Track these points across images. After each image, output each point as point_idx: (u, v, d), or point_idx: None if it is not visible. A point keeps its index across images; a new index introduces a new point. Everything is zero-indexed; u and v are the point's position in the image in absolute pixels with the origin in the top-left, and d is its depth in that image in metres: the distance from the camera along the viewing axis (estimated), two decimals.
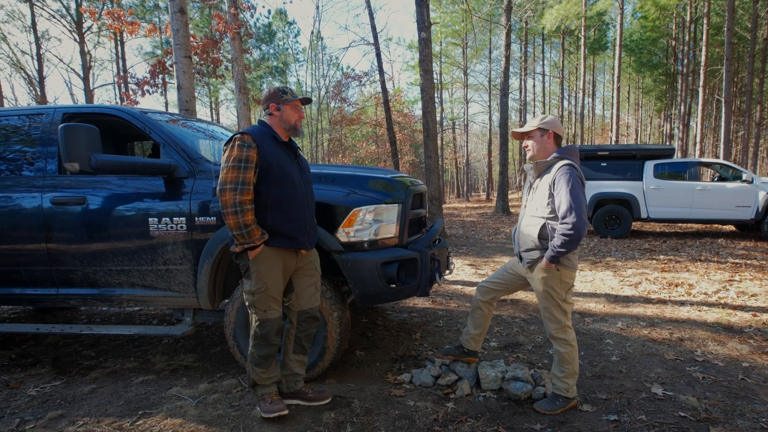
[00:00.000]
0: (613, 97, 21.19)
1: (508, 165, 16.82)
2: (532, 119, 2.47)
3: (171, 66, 9.05)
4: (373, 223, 2.66)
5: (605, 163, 9.21)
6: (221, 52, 10.81)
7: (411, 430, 2.24)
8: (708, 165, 9.36)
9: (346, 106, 21.89)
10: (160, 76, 9.60)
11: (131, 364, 3.23)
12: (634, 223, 10.61)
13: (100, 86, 22.85)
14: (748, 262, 6.40)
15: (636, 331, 3.67)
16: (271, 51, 29.35)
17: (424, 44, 9.02)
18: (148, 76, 9.45)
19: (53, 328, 3.03)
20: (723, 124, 15.44)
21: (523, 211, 2.52)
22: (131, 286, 2.92)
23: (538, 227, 2.34)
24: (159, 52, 22.70)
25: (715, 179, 9.25)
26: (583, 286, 5.31)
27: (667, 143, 28.04)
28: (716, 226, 10.86)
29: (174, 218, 2.74)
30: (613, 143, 20.96)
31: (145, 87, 9.46)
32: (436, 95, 24.36)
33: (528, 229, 2.40)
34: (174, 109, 25.51)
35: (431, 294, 4.98)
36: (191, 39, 8.26)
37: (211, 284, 2.79)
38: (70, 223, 2.86)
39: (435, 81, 22.76)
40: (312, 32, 24.59)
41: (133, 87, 9.63)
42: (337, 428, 2.27)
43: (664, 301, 4.57)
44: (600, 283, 5.46)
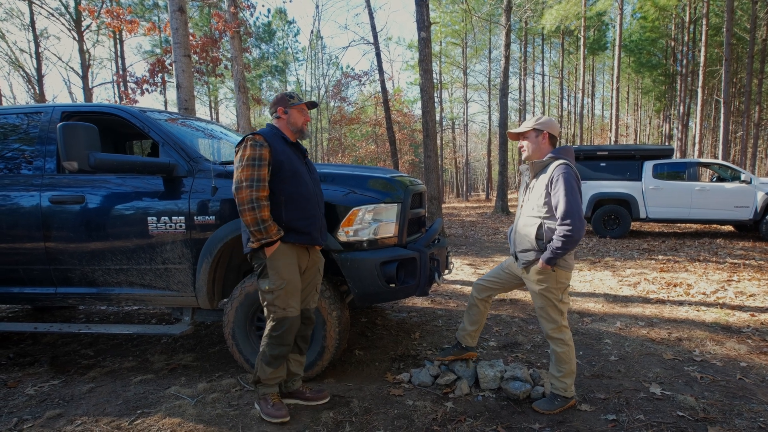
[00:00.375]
0: (612, 97, 21.21)
1: (507, 165, 16.83)
2: (528, 120, 2.48)
3: (170, 65, 9.05)
4: (373, 223, 2.66)
5: (604, 163, 9.22)
6: (221, 51, 10.81)
7: (410, 430, 2.25)
8: (707, 165, 9.38)
9: (345, 106, 21.90)
10: (160, 75, 9.60)
11: (130, 364, 3.23)
12: (633, 223, 10.64)
13: (99, 85, 22.90)
14: (747, 263, 6.42)
15: (635, 331, 3.68)
16: (271, 50, 29.33)
17: (424, 44, 9.02)
18: (148, 74, 9.45)
19: (51, 327, 3.02)
20: (722, 124, 15.46)
21: (520, 211, 2.53)
22: (130, 285, 2.91)
23: (534, 227, 2.35)
24: (158, 51, 22.66)
25: (714, 179, 9.26)
26: (581, 285, 5.32)
27: (666, 143, 28.07)
28: (715, 226, 10.88)
29: (173, 217, 2.73)
30: (613, 143, 20.98)
31: (144, 86, 9.47)
32: (435, 95, 24.36)
33: (525, 230, 2.41)
34: (173, 108, 25.47)
35: (430, 293, 4.98)
36: (191, 38, 8.25)
37: (210, 283, 2.79)
38: (69, 221, 2.86)
39: (435, 81, 22.76)
40: (312, 31, 24.59)
41: (132, 86, 9.63)
42: (336, 428, 2.27)
43: (662, 301, 4.58)
44: (599, 282, 5.47)
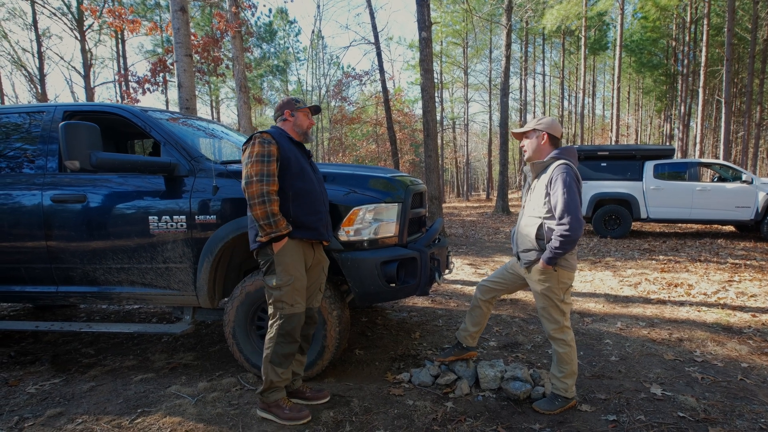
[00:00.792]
0: (613, 97, 21.19)
1: (508, 165, 16.83)
2: (531, 120, 2.48)
3: (172, 64, 9.06)
4: (373, 222, 2.66)
5: (605, 163, 9.21)
6: (222, 50, 10.81)
7: (410, 430, 2.25)
8: (708, 165, 9.36)
9: (346, 105, 21.88)
10: (161, 75, 9.62)
11: (130, 362, 3.23)
12: (633, 224, 10.62)
13: (101, 84, 22.89)
14: (748, 263, 6.41)
15: (635, 332, 3.68)
16: (272, 50, 29.34)
17: (425, 44, 9.01)
18: (149, 74, 9.46)
19: (53, 326, 3.03)
20: (723, 124, 15.45)
21: (522, 211, 2.54)
22: (131, 284, 2.92)
23: (535, 227, 2.35)
24: (160, 51, 22.69)
25: (715, 180, 9.25)
26: (582, 286, 5.31)
27: (667, 143, 28.04)
28: (716, 226, 10.87)
29: (174, 216, 2.74)
30: (613, 143, 20.97)
31: (146, 85, 9.48)
32: (436, 95, 24.38)
33: (526, 230, 2.41)
34: (175, 108, 25.49)
35: (431, 293, 4.98)
36: (192, 37, 8.25)
37: (211, 282, 2.79)
38: (71, 220, 2.86)
39: (435, 80, 22.74)
40: (313, 31, 24.60)
41: (134, 85, 9.65)
42: (336, 427, 2.28)
43: (663, 302, 4.57)
44: (599, 283, 5.47)
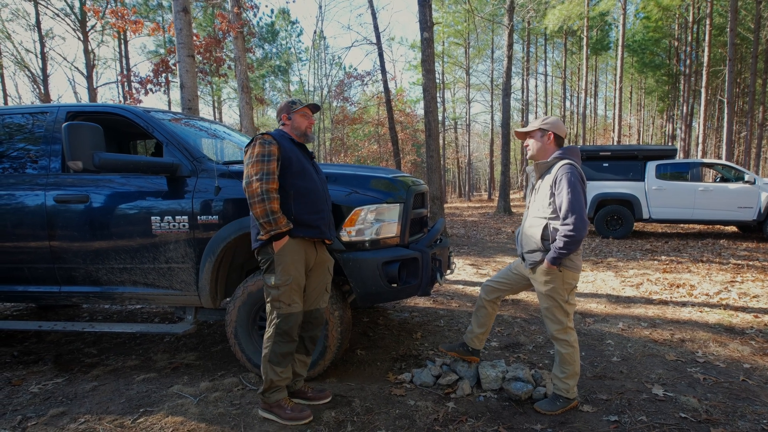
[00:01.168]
0: (615, 97, 21.16)
1: (509, 165, 16.80)
2: (535, 120, 2.48)
3: (174, 65, 9.08)
4: (375, 223, 2.67)
5: (607, 164, 9.19)
6: (224, 51, 10.83)
7: (411, 430, 2.25)
8: (710, 166, 9.34)
9: (348, 106, 21.91)
10: (163, 75, 9.64)
11: (133, 362, 3.24)
12: (635, 224, 10.59)
13: (104, 85, 23.00)
14: (750, 264, 6.39)
15: (637, 332, 3.67)
16: (274, 50, 29.37)
17: (427, 44, 9.01)
18: (152, 74, 9.48)
19: (55, 326, 3.04)
20: (725, 124, 15.40)
21: (526, 212, 2.53)
22: (133, 284, 2.93)
23: (540, 228, 2.34)
24: (162, 51, 22.74)
25: (717, 180, 9.23)
26: (584, 286, 5.31)
27: (670, 144, 27.97)
28: (718, 227, 10.84)
29: (176, 217, 2.75)
30: (615, 143, 20.93)
31: (148, 86, 9.50)
32: (438, 95, 24.32)
33: (530, 230, 2.41)
34: (177, 108, 25.55)
35: (432, 293, 4.98)
36: (194, 38, 8.27)
37: (213, 283, 2.80)
38: (73, 221, 2.88)
39: (437, 81, 22.77)
40: (315, 32, 24.59)
41: (137, 86, 9.67)
42: (338, 427, 2.28)
43: (665, 302, 4.56)
44: (601, 283, 5.46)
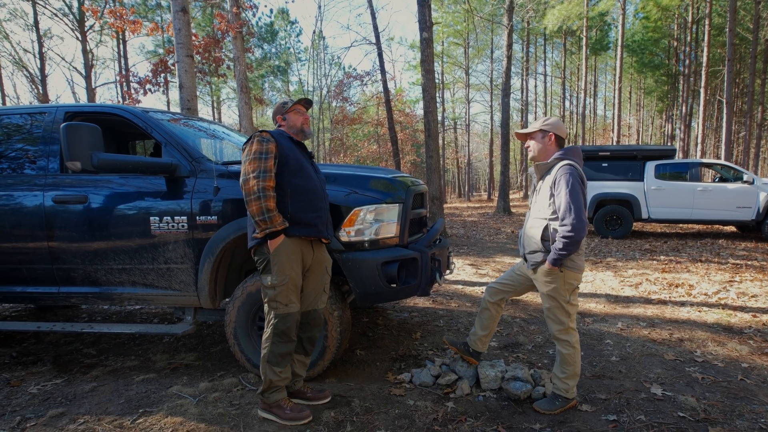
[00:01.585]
0: (614, 97, 21.17)
1: (509, 165, 16.81)
2: (536, 121, 2.48)
3: (173, 65, 9.07)
4: (374, 223, 2.67)
5: (606, 164, 9.21)
6: (223, 51, 10.82)
7: (411, 430, 2.25)
8: (709, 166, 9.36)
9: (347, 106, 21.89)
10: (162, 75, 9.64)
11: (132, 363, 3.24)
12: (635, 224, 10.60)
13: (102, 85, 23.00)
14: (749, 263, 6.40)
15: (636, 332, 3.68)
16: (273, 50, 29.37)
17: (426, 44, 9.02)
18: (150, 74, 9.48)
19: (54, 327, 3.04)
20: (724, 124, 15.42)
21: (528, 213, 2.54)
22: (132, 285, 2.93)
23: (540, 229, 2.35)
24: (161, 51, 22.73)
25: (716, 180, 9.24)
26: (583, 286, 5.31)
27: (669, 144, 28.00)
28: (717, 226, 10.85)
29: (175, 217, 2.75)
30: (615, 144, 20.95)
31: (147, 86, 9.50)
32: (437, 95, 24.35)
33: (532, 231, 2.41)
34: (176, 108, 25.53)
35: (432, 294, 4.98)
36: (193, 38, 8.27)
37: (212, 283, 2.80)
38: (72, 221, 2.87)
39: (437, 81, 22.74)
40: (314, 31, 24.60)
41: (135, 86, 9.68)
42: (337, 427, 2.28)
43: (664, 302, 4.57)
44: (600, 283, 5.47)
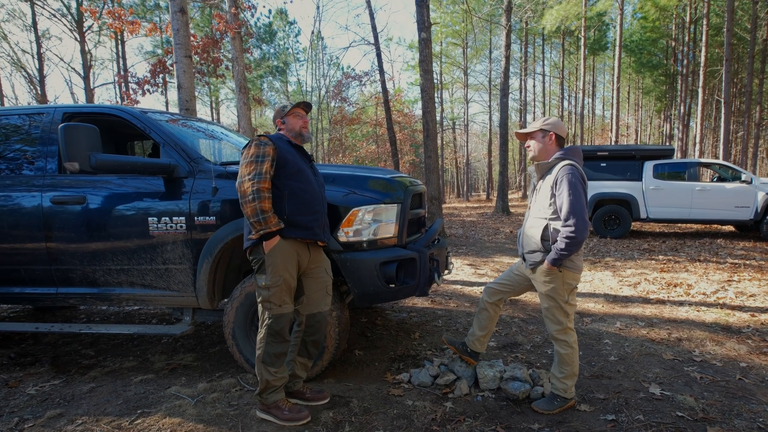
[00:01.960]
0: (613, 97, 21.19)
1: (508, 165, 16.83)
2: (536, 120, 2.48)
3: (171, 65, 9.07)
4: (372, 223, 2.67)
5: (605, 164, 9.22)
6: (222, 51, 10.82)
7: (409, 430, 2.25)
8: (707, 165, 9.37)
9: (346, 106, 21.88)
10: (161, 76, 9.62)
11: (130, 363, 3.24)
12: (633, 224, 10.63)
13: (101, 85, 22.87)
14: (747, 263, 6.41)
15: (634, 331, 3.68)
16: (272, 51, 29.33)
17: (425, 44, 9.02)
18: (149, 75, 9.47)
19: (52, 327, 3.03)
20: (722, 124, 15.45)
21: (528, 213, 2.54)
22: (130, 285, 2.92)
23: (540, 229, 2.35)
24: (159, 52, 22.69)
25: (715, 180, 9.26)
26: (582, 286, 5.31)
27: (667, 143, 28.05)
28: (715, 226, 10.87)
29: (173, 218, 2.74)
30: (613, 143, 20.97)
31: (146, 86, 9.49)
32: (436, 95, 24.38)
33: (531, 231, 2.41)
34: (174, 109, 25.51)
35: (430, 294, 4.98)
36: (192, 38, 8.27)
37: (211, 284, 2.80)
38: (70, 222, 2.87)
39: (435, 81, 22.77)
40: (312, 32, 24.58)
41: (134, 86, 9.66)
42: (336, 427, 2.28)
43: (662, 302, 4.58)
44: (599, 283, 5.47)
